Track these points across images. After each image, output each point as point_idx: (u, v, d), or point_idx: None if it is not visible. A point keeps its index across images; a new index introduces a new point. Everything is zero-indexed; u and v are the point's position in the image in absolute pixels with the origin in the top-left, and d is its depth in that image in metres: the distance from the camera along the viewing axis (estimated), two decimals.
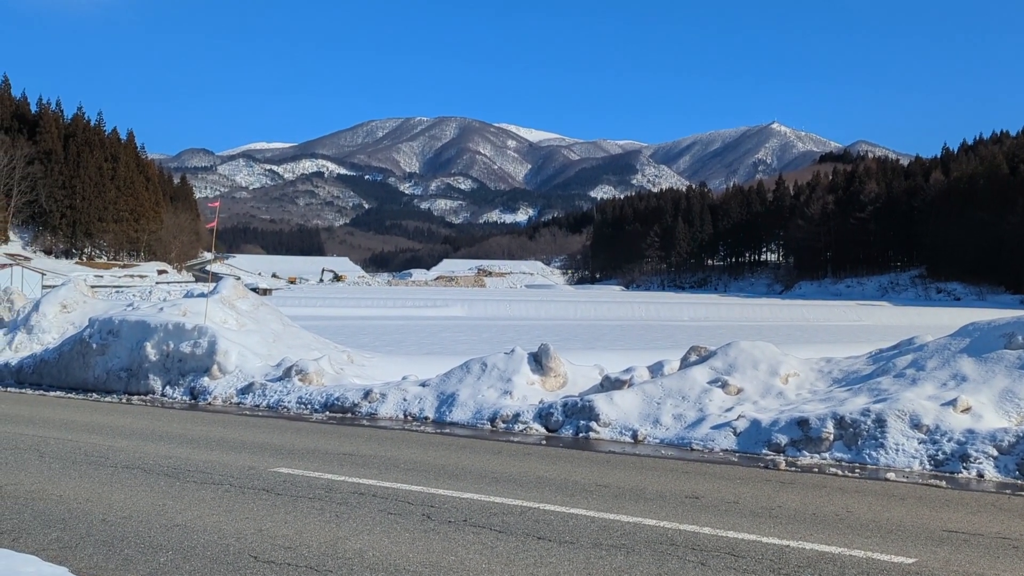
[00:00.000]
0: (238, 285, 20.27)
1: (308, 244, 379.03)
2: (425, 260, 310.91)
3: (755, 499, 7.90)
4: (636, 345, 31.77)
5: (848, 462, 10.00)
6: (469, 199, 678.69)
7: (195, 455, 9.65)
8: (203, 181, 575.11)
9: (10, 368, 18.36)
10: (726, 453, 10.60)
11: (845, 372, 12.62)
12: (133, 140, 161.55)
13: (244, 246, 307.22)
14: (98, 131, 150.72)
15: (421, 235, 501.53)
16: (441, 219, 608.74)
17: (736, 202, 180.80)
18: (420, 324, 48.82)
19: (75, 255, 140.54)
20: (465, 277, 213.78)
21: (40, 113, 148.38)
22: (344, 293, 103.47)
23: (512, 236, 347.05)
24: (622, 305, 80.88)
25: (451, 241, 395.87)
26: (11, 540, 6.14)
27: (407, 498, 7.60)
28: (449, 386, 13.78)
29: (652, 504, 7.58)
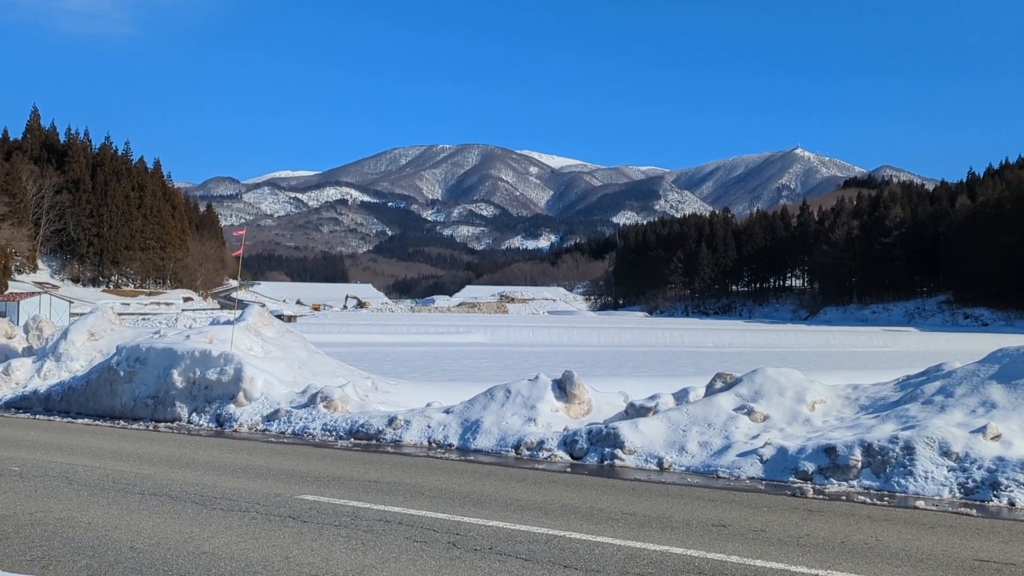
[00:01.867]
0: (263, 312, 20.39)
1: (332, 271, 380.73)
2: (448, 286, 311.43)
3: (783, 527, 7.85)
4: (660, 372, 31.66)
5: (876, 490, 9.92)
6: (491, 225, 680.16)
7: (222, 482, 9.69)
8: (228, 209, 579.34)
9: (39, 395, 18.51)
10: (753, 481, 10.53)
11: (872, 399, 12.54)
12: (159, 169, 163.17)
13: (269, 273, 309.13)
14: (125, 160, 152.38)
15: (444, 261, 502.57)
16: (463, 245, 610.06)
17: (760, 227, 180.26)
18: (443, 350, 48.84)
19: (102, 283, 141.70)
20: (488, 303, 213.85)
21: (68, 143, 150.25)
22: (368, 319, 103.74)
23: (534, 262, 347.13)
24: (646, 331, 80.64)
25: (473, 267, 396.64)
26: (41, 568, 6.19)
27: (433, 526, 7.60)
28: (473, 413, 13.78)
29: (679, 532, 7.54)
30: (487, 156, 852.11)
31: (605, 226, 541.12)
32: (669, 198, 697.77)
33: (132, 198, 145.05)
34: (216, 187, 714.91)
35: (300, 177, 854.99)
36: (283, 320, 26.67)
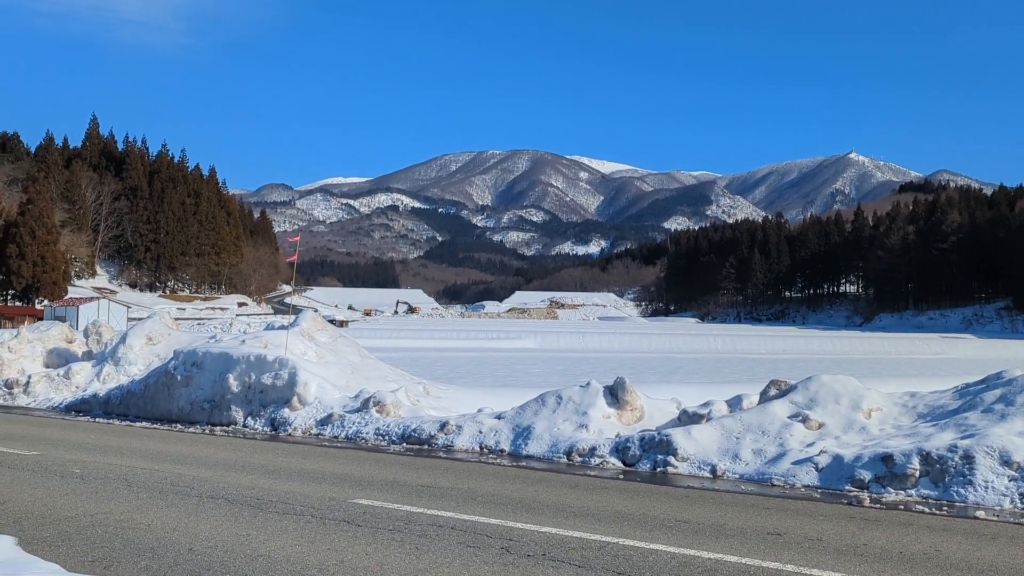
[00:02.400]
0: (317, 317, 20.57)
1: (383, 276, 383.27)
2: (497, 292, 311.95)
3: (839, 536, 7.75)
4: (713, 378, 31.45)
5: (935, 499, 9.76)
6: (541, 231, 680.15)
7: (277, 486, 9.79)
8: (282, 215, 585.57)
9: (98, 399, 18.86)
10: (808, 489, 10.42)
11: (930, 407, 12.34)
12: (215, 176, 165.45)
13: (321, 279, 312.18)
14: (181, 167, 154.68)
15: (493, 267, 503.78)
16: (513, 251, 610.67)
17: (814, 233, 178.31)
18: (493, 356, 48.93)
19: (159, 288, 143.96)
20: (537, 309, 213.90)
21: (126, 151, 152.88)
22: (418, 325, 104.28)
23: (584, 268, 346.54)
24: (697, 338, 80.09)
25: (523, 273, 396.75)
26: (103, 568, 6.30)
27: (485, 531, 7.62)
28: (525, 419, 13.78)
29: (733, 540, 7.48)
30: (537, 162, 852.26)
31: (656, 231, 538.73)
32: (721, 203, 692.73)
33: (188, 205, 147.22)
34: (270, 194, 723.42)
35: (352, 184, 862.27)
36: (335, 325, 26.89)
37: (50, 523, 7.69)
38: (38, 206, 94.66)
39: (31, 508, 8.33)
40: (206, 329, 61.89)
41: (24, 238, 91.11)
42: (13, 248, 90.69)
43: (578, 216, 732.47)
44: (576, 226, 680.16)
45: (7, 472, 10.39)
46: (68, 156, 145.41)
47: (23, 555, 6.17)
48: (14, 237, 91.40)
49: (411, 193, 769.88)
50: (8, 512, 8.13)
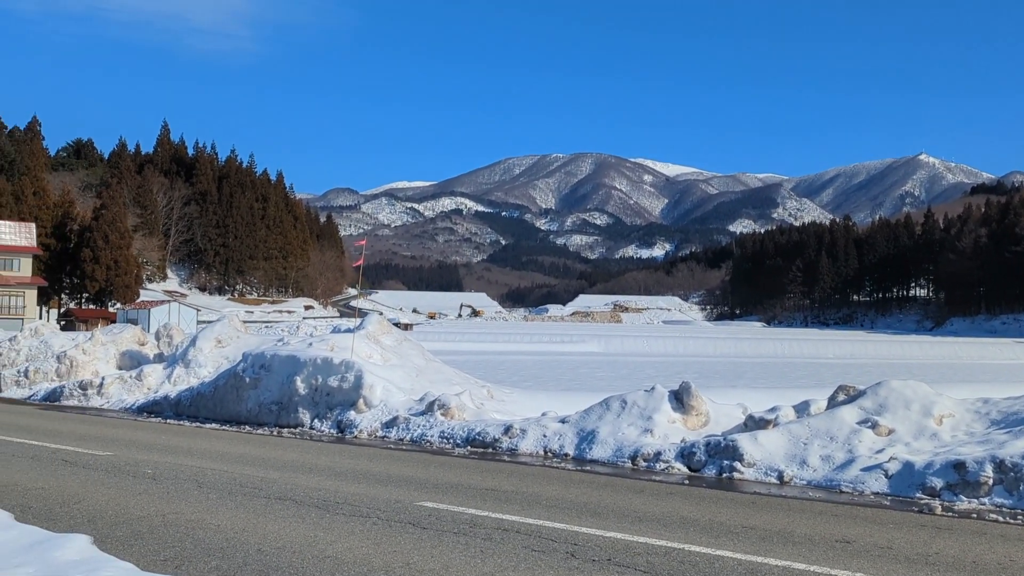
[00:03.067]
0: (382, 321, 20.76)
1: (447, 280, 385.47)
2: (561, 295, 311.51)
3: (910, 545, 7.61)
4: (779, 383, 31.09)
5: (1010, 508, 9.53)
6: (605, 234, 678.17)
7: (343, 487, 9.89)
8: (347, 219, 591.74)
9: (169, 400, 19.23)
10: (877, 496, 10.24)
11: (1004, 413, 12.05)
12: (282, 181, 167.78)
13: (386, 282, 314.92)
14: (250, 172, 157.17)
15: (557, 271, 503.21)
16: (577, 254, 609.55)
17: (882, 236, 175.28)
18: (557, 359, 48.91)
19: (227, 291, 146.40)
20: (601, 313, 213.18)
21: (196, 156, 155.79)
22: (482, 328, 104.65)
23: (648, 271, 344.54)
24: (764, 342, 79.30)
25: (587, 276, 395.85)
26: (174, 567, 6.42)
27: (550, 535, 7.62)
28: (589, 423, 13.75)
29: (801, 548, 7.39)
30: (601, 165, 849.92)
31: (721, 234, 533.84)
32: (787, 206, 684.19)
33: (256, 209, 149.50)
34: (336, 198, 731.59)
35: (416, 188, 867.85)
36: (400, 328, 27.09)
37: (123, 522, 7.86)
38: (111, 211, 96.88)
39: (105, 507, 8.52)
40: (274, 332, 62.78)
41: (98, 242, 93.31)
42: (87, 252, 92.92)
43: (642, 219, 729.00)
44: (640, 229, 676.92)
45: (82, 472, 10.65)
46: (140, 162, 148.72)
47: (98, 553, 6.31)
48: (88, 241, 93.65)
49: (475, 197, 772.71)
50: (83, 511, 8.33)
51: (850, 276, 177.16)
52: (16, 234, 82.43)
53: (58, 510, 8.35)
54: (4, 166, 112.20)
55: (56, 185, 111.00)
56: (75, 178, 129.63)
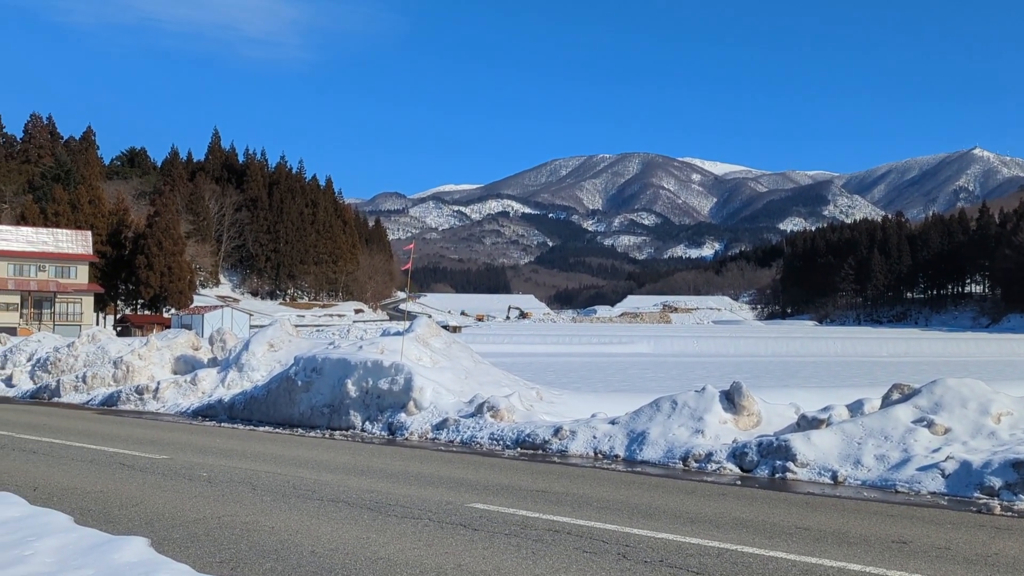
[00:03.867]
0: (431, 323, 20.85)
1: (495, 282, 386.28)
2: (609, 296, 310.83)
3: (968, 545, 7.49)
4: (832, 382, 30.76)
5: None
6: (653, 234, 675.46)
7: (395, 489, 9.95)
8: (395, 223, 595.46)
9: (223, 404, 19.47)
10: (934, 496, 10.09)
11: None
12: (331, 186, 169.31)
13: (434, 285, 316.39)
14: (299, 178, 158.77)
15: (605, 272, 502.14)
16: (625, 255, 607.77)
17: (936, 232, 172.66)
18: (606, 361, 48.78)
19: (279, 296, 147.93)
20: (650, 313, 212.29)
21: (247, 163, 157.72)
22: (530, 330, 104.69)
23: (698, 271, 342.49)
24: (815, 341, 78.46)
25: (635, 277, 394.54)
26: (230, 569, 6.51)
27: (602, 537, 7.60)
28: (639, 424, 13.70)
29: (856, 548, 7.30)
30: (648, 164, 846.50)
31: (771, 233, 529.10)
32: (838, 203, 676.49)
33: (306, 214, 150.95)
34: (384, 202, 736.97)
35: (463, 191, 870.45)
36: (449, 331, 27.21)
37: (180, 525, 7.97)
38: (164, 218, 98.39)
39: (162, 510, 8.65)
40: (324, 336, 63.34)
41: (152, 249, 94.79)
42: (142, 259, 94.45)
43: (691, 219, 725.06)
44: (689, 229, 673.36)
45: (139, 475, 10.82)
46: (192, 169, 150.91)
47: (156, 556, 6.41)
48: (143, 248, 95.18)
49: (522, 199, 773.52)
50: (141, 514, 8.46)
51: (903, 273, 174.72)
52: (73, 242, 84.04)
53: (116, 513, 8.49)
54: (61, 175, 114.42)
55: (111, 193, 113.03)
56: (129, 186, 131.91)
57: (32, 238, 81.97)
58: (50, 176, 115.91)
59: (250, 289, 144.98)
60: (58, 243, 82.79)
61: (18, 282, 78.82)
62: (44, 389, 24.35)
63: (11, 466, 11.47)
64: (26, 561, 6.15)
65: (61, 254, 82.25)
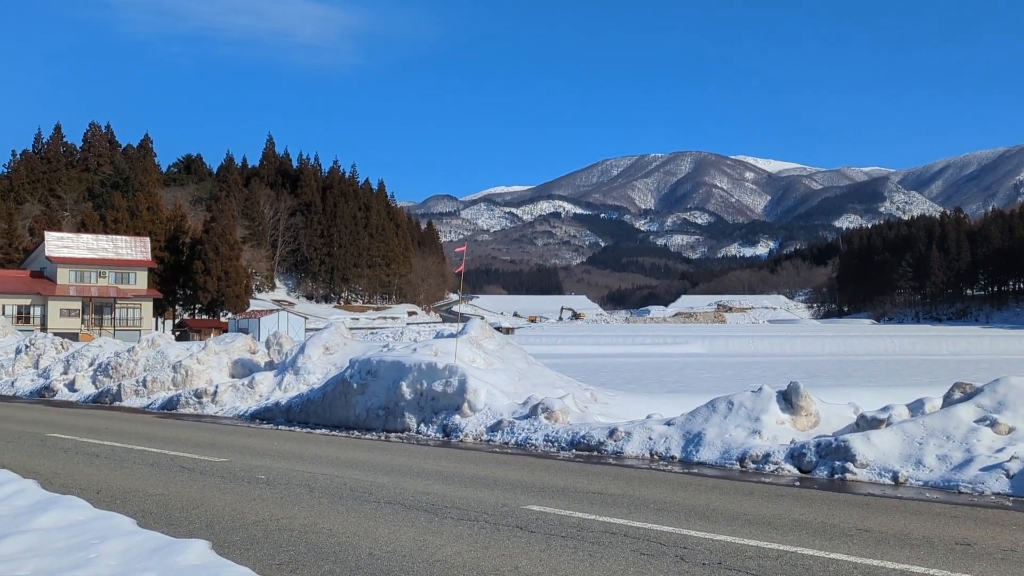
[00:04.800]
0: (484, 325, 20.88)
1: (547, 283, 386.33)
2: (662, 296, 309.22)
3: None
4: (891, 382, 30.30)
5: None
6: (706, 233, 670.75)
7: (450, 491, 9.98)
8: (447, 226, 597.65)
9: (280, 407, 19.68)
10: (998, 497, 9.89)
11: None
12: (383, 189, 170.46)
13: (487, 287, 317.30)
14: (352, 182, 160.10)
15: (657, 271, 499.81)
16: (678, 255, 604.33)
17: (997, 227, 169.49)
18: (660, 361, 48.53)
19: (333, 299, 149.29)
20: (704, 313, 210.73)
21: (300, 168, 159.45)
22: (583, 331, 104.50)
23: (752, 270, 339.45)
24: (873, 339, 77.40)
25: (688, 277, 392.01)
26: (289, 571, 6.57)
27: (659, 539, 7.55)
28: (695, 425, 13.60)
29: (919, 551, 7.18)
30: (700, 163, 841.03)
31: (827, 231, 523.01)
32: (895, 199, 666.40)
33: (359, 218, 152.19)
34: (436, 205, 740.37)
35: (514, 192, 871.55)
36: (502, 332, 27.23)
37: (239, 527, 8.07)
38: (221, 224, 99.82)
39: (222, 512, 8.76)
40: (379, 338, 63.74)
41: (209, 255, 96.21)
42: (199, 264, 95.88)
43: (744, 217, 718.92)
44: (743, 227, 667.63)
45: (199, 478, 10.97)
46: (247, 175, 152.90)
47: (216, 558, 6.48)
48: (200, 254, 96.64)
49: (573, 199, 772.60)
50: (202, 516, 8.58)
51: (963, 270, 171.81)
52: (132, 248, 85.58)
53: (177, 515, 8.62)
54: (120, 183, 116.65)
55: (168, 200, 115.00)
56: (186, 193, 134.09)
57: (92, 245, 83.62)
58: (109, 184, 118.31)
59: (305, 293, 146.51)
60: (118, 250, 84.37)
61: (79, 288, 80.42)
62: (105, 393, 24.80)
63: (75, 470, 11.69)
64: (91, 564, 6.26)
65: (121, 260, 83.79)
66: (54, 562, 6.31)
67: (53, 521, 7.55)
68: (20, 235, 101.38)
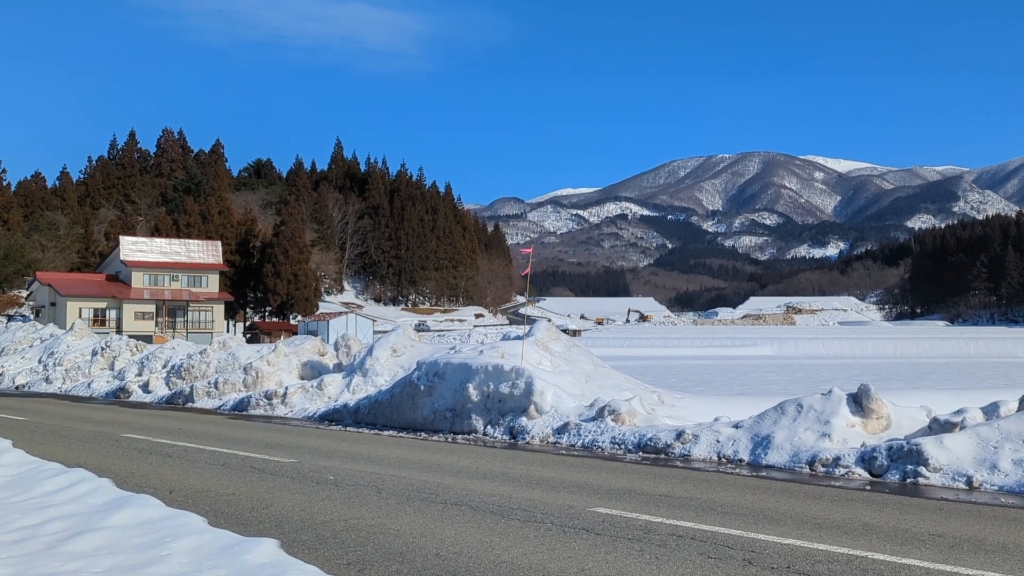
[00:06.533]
0: (551, 327, 20.90)
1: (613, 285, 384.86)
2: (730, 298, 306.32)
3: None
4: (965, 384, 29.65)
5: None
6: (775, 234, 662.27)
7: (517, 493, 10.01)
8: (514, 228, 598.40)
9: (348, 409, 19.90)
10: None
11: None
12: (450, 192, 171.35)
13: (553, 289, 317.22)
14: (419, 185, 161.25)
15: (725, 273, 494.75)
16: (746, 256, 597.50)
17: None
18: (728, 363, 48.08)
19: (401, 302, 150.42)
20: (773, 315, 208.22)
21: (368, 171, 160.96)
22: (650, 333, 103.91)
23: (822, 271, 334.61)
24: (947, 341, 75.81)
25: (757, 278, 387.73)
26: (357, 571, 6.65)
27: (726, 542, 7.50)
28: (763, 428, 13.47)
29: (994, 556, 7.03)
30: (768, 163, 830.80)
31: (898, 231, 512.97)
32: (969, 199, 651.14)
33: (426, 221, 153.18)
34: (502, 207, 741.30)
35: (581, 194, 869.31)
36: (568, 334, 27.21)
37: (308, 527, 8.18)
38: (290, 227, 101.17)
39: (291, 512, 8.90)
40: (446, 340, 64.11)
41: (278, 258, 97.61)
42: (269, 267, 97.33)
43: (813, 218, 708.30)
44: (812, 228, 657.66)
45: (269, 478, 11.15)
46: (315, 179, 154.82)
47: (285, 557, 6.59)
48: (270, 257, 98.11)
49: (639, 201, 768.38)
50: (271, 516, 8.72)
51: None
52: (204, 252, 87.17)
53: (248, 515, 8.77)
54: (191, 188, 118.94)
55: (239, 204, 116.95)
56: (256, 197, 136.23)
57: (165, 249, 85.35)
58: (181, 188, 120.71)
59: (373, 295, 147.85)
60: (190, 253, 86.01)
61: (153, 292, 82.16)
62: (178, 395, 25.32)
63: (149, 469, 11.96)
64: (163, 561, 6.41)
65: (193, 264, 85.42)
66: (127, 559, 6.48)
67: (127, 519, 7.74)
68: (96, 239, 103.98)
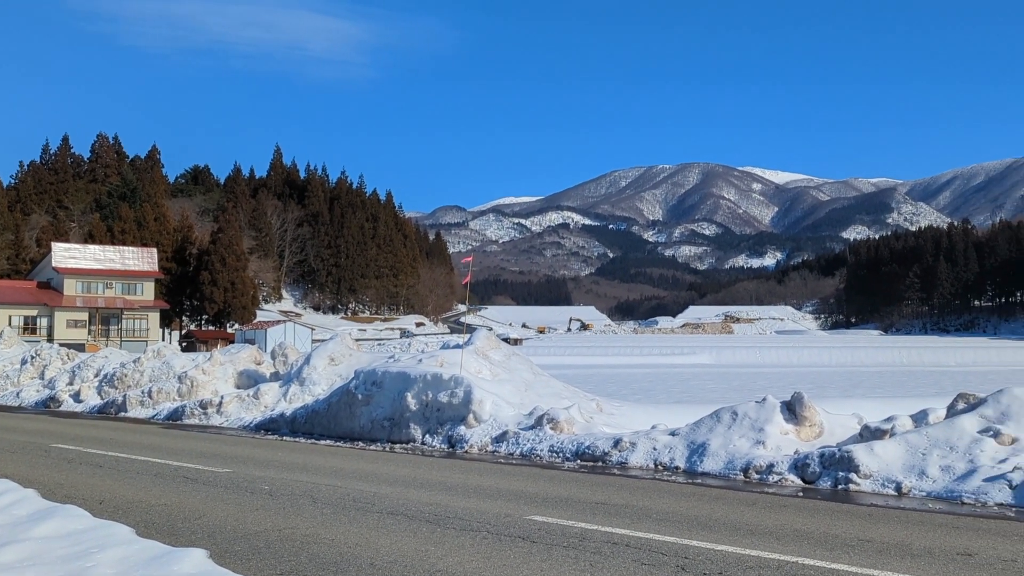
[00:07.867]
0: (491, 336, 20.90)
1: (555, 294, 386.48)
2: (670, 307, 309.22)
3: None
4: (897, 392, 30.26)
5: None
6: (714, 244, 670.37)
7: (454, 502, 9.99)
8: (456, 236, 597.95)
9: (285, 418, 19.70)
10: (1001, 508, 9.87)
11: None
12: (391, 200, 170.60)
13: (495, 297, 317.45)
14: (359, 193, 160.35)
15: (666, 282, 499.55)
16: (686, 266, 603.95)
17: (1004, 239, 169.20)
18: (667, 372, 48.50)
19: (340, 310, 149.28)
20: (712, 324, 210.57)
21: (308, 179, 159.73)
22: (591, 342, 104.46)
23: (760, 281, 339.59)
24: (880, 350, 77.27)
25: (696, 288, 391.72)
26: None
27: (660, 549, 7.55)
28: (699, 435, 13.59)
29: (920, 561, 7.17)
30: (708, 174, 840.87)
31: (834, 242, 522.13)
32: (902, 211, 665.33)
33: (367, 229, 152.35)
34: (444, 215, 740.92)
35: (523, 203, 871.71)
36: (509, 343, 27.25)
37: (241, 537, 8.08)
38: (227, 234, 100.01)
39: (224, 523, 8.78)
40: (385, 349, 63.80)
41: (215, 265, 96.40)
42: (206, 275, 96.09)
43: (752, 228, 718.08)
44: (750, 238, 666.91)
45: (203, 488, 10.99)
46: (254, 186, 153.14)
47: (215, 567, 6.50)
48: (207, 265, 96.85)
49: (581, 210, 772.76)
50: (203, 526, 8.60)
51: (970, 281, 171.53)
52: (139, 259, 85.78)
53: (180, 526, 8.64)
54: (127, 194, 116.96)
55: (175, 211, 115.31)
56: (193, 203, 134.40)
57: (99, 256, 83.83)
58: (116, 195, 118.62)
59: (312, 304, 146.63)
60: (124, 260, 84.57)
61: (86, 299, 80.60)
62: (111, 404, 24.86)
63: (78, 480, 11.73)
64: (88, 572, 6.29)
65: (128, 271, 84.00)
66: (52, 570, 6.35)
67: (52, 530, 7.59)
68: (27, 246, 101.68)
